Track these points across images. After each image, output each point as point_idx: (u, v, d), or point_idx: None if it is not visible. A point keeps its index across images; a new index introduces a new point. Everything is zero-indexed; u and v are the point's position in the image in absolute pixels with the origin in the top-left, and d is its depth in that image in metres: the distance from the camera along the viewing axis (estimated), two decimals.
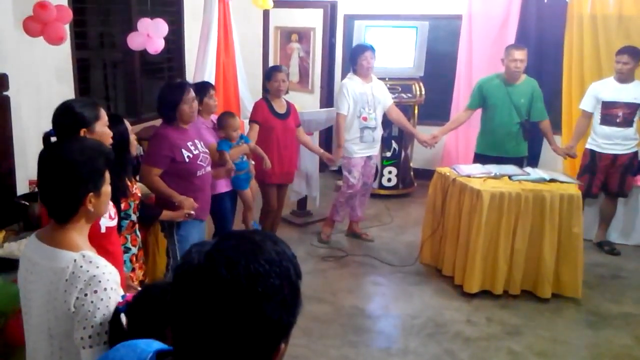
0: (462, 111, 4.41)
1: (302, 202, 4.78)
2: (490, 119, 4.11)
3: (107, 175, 1.43)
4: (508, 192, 3.38)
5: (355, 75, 4.12)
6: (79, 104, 1.99)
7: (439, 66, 5.44)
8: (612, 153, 4.11)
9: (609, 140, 4.10)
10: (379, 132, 4.22)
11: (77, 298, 1.27)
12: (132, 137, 2.34)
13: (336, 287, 3.62)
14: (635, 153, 4.15)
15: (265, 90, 3.84)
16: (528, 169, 3.80)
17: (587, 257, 3.70)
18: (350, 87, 4.05)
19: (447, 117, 5.10)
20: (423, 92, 5.26)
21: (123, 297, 1.33)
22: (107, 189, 1.43)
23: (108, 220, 1.85)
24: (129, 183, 2.30)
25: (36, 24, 3.18)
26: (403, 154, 5.35)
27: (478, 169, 3.76)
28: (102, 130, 1.98)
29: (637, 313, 3.35)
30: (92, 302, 1.26)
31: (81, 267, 1.29)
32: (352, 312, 3.33)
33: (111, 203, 1.81)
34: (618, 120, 4.05)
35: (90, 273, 1.28)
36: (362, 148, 4.13)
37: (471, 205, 3.44)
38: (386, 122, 4.77)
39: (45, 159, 1.40)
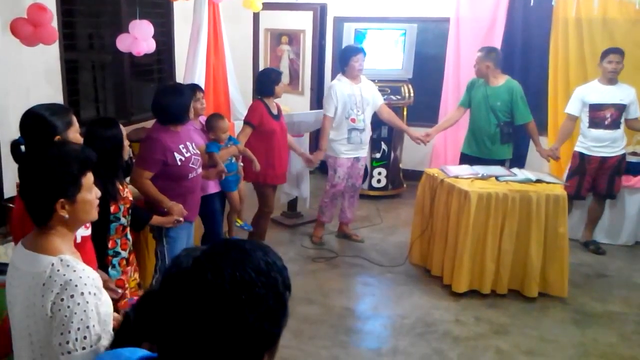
0: (455, 109, 4.48)
1: (293, 204, 4.80)
2: (473, 119, 4.22)
3: (87, 181, 1.38)
4: (495, 192, 3.43)
5: (344, 76, 4.13)
6: (50, 111, 1.89)
7: (428, 68, 5.49)
8: (601, 156, 4.15)
9: (598, 143, 4.14)
10: (367, 134, 4.24)
11: (54, 303, 1.25)
12: (126, 142, 2.32)
13: (326, 288, 3.64)
14: (624, 155, 4.21)
15: (267, 93, 3.73)
16: (515, 170, 3.85)
17: (573, 256, 3.76)
18: (338, 89, 4.07)
19: (435, 118, 5.15)
20: (412, 94, 5.31)
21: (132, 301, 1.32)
22: (85, 196, 1.38)
23: (83, 230, 1.82)
24: (119, 187, 2.28)
25: (28, 26, 3.18)
26: (392, 155, 5.39)
27: (466, 170, 3.80)
28: (74, 136, 1.93)
29: (622, 312, 3.41)
30: (68, 306, 1.24)
31: (58, 271, 1.27)
32: (342, 312, 3.35)
33: None
34: (606, 123, 4.11)
35: (67, 277, 1.26)
36: (349, 149, 4.16)
37: (459, 205, 3.48)
38: (376, 124, 4.82)
39: (23, 161, 1.41)
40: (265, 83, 3.77)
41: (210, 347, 0.77)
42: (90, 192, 1.41)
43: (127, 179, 2.75)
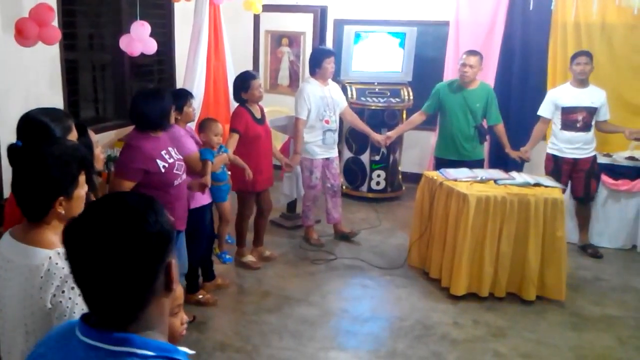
0: (417, 114, 4.52)
1: (292, 205, 4.80)
2: (448, 123, 4.25)
3: (82, 178, 1.44)
4: (494, 195, 3.44)
5: (313, 78, 4.16)
6: (50, 117, 1.85)
7: (427, 71, 5.50)
8: (573, 157, 4.20)
9: (570, 145, 4.19)
10: (337, 135, 4.31)
11: (54, 295, 1.29)
12: (98, 151, 2.12)
13: (325, 289, 3.65)
14: (595, 156, 4.26)
15: (240, 100, 3.69)
16: (513, 174, 3.87)
17: (570, 260, 3.78)
18: (310, 92, 4.08)
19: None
20: (411, 97, 5.33)
21: None
22: (79, 192, 1.43)
23: None
24: (93, 199, 2.21)
25: (34, 26, 3.19)
26: (391, 157, 5.40)
27: (464, 173, 3.82)
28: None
29: (619, 315, 3.42)
30: (69, 298, 1.29)
31: (56, 264, 1.31)
32: (341, 314, 3.36)
33: None
34: (578, 125, 4.16)
35: (66, 270, 1.28)
36: (323, 150, 4.20)
37: (458, 208, 3.49)
38: (376, 127, 4.84)
39: (20, 159, 1.42)
40: (234, 91, 3.76)
41: (118, 264, 0.87)
42: (83, 188, 1.45)
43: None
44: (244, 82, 3.68)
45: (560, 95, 4.24)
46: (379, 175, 5.39)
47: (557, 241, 3.45)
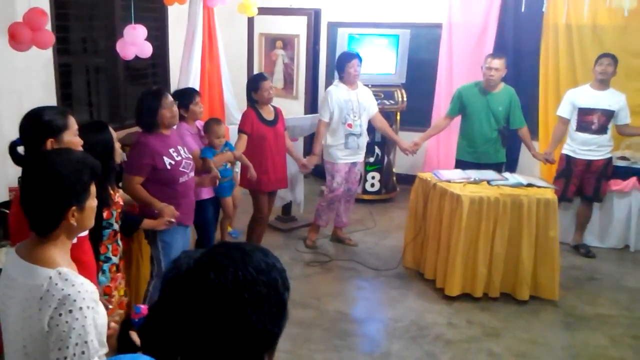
0: (442, 118, 4.52)
1: (287, 208, 4.81)
2: (470, 126, 4.21)
3: (93, 189, 1.40)
4: (487, 196, 3.46)
5: (341, 82, 4.17)
6: (48, 112, 1.88)
7: (420, 73, 5.53)
8: (587, 158, 4.21)
9: (584, 146, 4.21)
10: (364, 139, 4.27)
11: (52, 317, 1.23)
12: (117, 145, 2.31)
13: (320, 291, 3.66)
14: (610, 159, 4.27)
15: (251, 100, 3.78)
16: (506, 174, 3.89)
17: (563, 259, 3.80)
18: (334, 95, 4.10)
19: (428, 123, 5.19)
20: (405, 99, 5.35)
21: (138, 309, 1.28)
22: (91, 203, 1.40)
23: None
24: (111, 192, 2.27)
25: (27, 30, 3.18)
26: (386, 159, 5.42)
27: (458, 174, 3.84)
28: (71, 139, 1.90)
29: (612, 314, 3.45)
30: (66, 322, 1.22)
31: (56, 284, 1.25)
32: (336, 316, 3.37)
33: None
34: (593, 127, 4.17)
35: (65, 292, 1.24)
36: (346, 154, 4.18)
37: (451, 209, 3.51)
38: (370, 129, 4.85)
39: (28, 169, 1.38)
40: (246, 92, 3.82)
41: (212, 348, 0.78)
42: (94, 199, 1.42)
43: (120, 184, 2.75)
44: (254, 82, 3.78)
45: (578, 95, 4.23)
46: (373, 177, 5.41)
47: (550, 241, 3.48)
